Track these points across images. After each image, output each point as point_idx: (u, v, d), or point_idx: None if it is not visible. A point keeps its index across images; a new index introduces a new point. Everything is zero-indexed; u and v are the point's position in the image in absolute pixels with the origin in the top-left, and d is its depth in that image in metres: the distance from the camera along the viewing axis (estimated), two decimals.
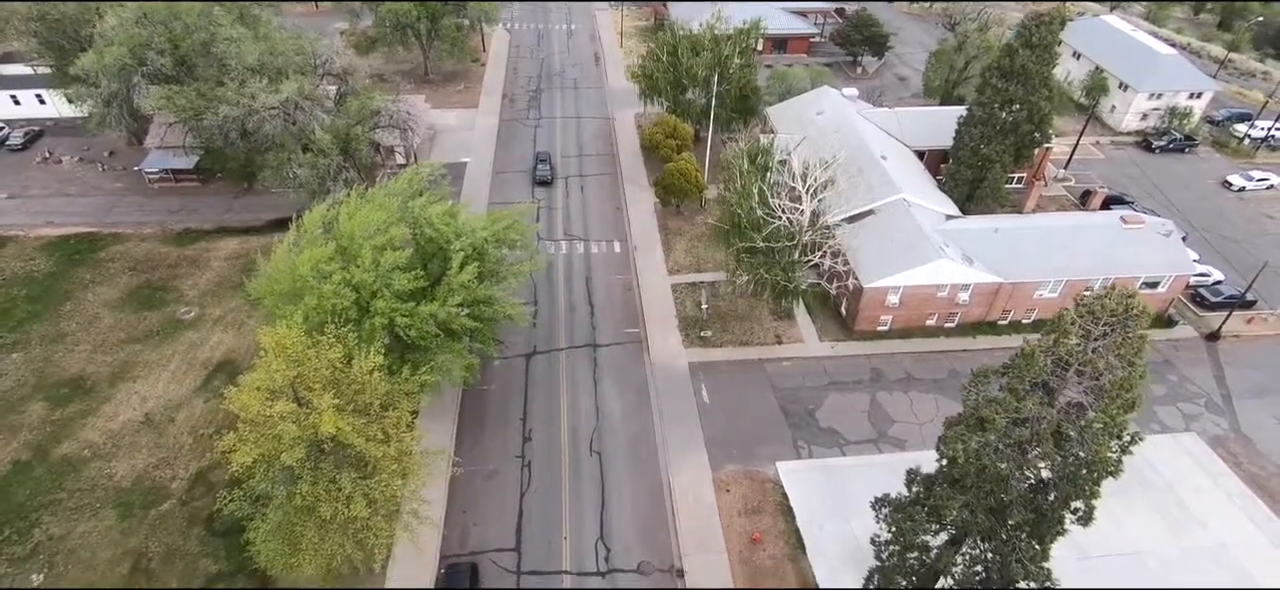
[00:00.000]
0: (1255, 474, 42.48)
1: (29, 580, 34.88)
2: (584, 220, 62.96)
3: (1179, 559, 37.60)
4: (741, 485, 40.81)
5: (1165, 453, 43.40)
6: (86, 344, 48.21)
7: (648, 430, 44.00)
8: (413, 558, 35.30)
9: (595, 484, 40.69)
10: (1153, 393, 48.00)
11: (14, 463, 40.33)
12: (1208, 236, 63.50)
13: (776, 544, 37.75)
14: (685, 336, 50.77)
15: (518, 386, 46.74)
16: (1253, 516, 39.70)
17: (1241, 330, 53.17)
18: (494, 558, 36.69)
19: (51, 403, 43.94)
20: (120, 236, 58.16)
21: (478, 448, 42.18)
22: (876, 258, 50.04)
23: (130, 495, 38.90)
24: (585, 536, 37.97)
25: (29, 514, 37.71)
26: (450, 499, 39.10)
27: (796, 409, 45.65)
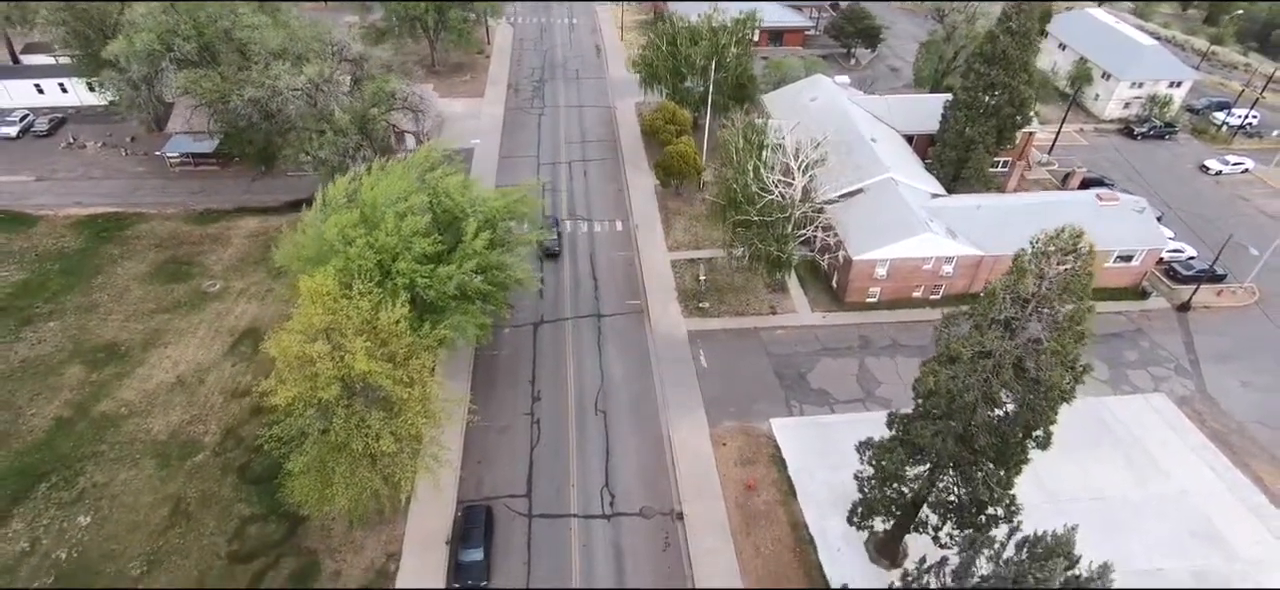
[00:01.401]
0: (1217, 430, 45.36)
1: (77, 523, 37.67)
2: (587, 201, 65.84)
3: (1142, 502, 40.52)
4: (737, 440, 43.68)
5: (1134, 411, 46.36)
6: (118, 313, 51.01)
7: (649, 391, 46.85)
8: (433, 498, 38.19)
9: (600, 439, 43.54)
10: (1125, 357, 51.00)
11: (56, 419, 43.11)
12: (1184, 216, 66.39)
13: (769, 491, 40.61)
14: (684, 307, 53.63)
15: (526, 352, 49.57)
16: (1213, 466, 42.61)
17: (1211, 302, 56.09)
18: (507, 503, 39.52)
19: (88, 366, 46.74)
20: (145, 216, 61.00)
21: (490, 406, 44.97)
22: (865, 232, 52.92)
23: (167, 447, 41.70)
24: (591, 484, 40.81)
25: (73, 464, 40.50)
26: (465, 451, 41.94)
27: (789, 372, 48.53)
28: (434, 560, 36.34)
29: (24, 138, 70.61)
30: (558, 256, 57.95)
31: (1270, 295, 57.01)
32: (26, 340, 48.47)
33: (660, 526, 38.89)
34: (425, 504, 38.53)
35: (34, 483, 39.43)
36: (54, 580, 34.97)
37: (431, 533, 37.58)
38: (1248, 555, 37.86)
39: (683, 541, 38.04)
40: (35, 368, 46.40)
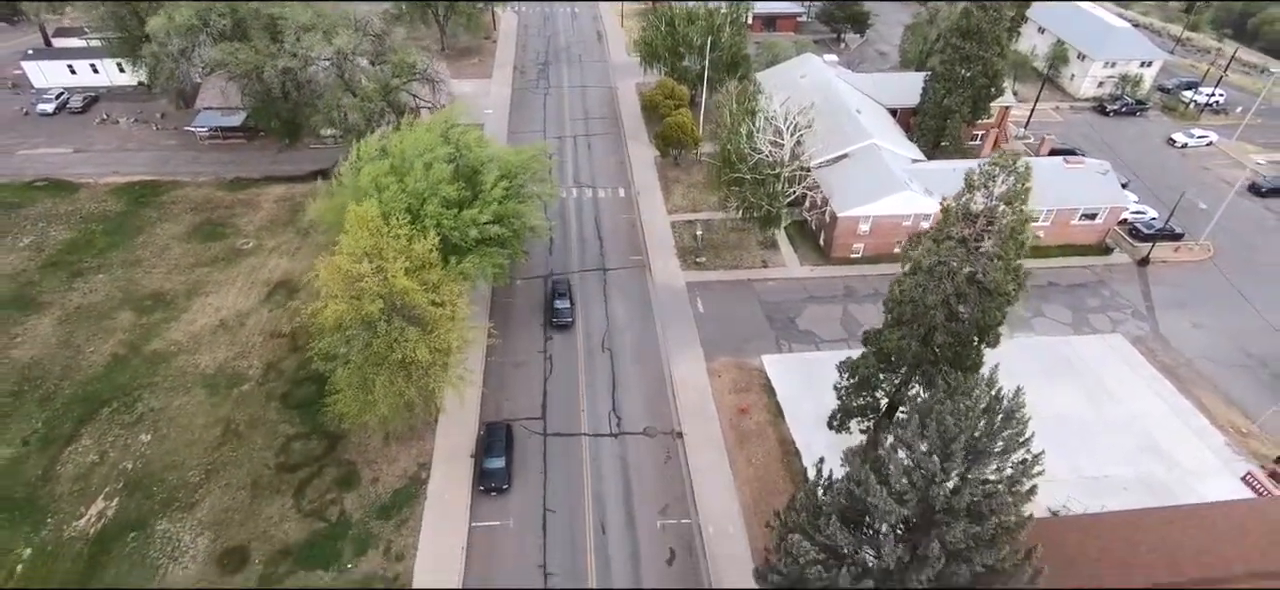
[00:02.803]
0: (1167, 364, 49.89)
1: (139, 440, 41.97)
2: (591, 170, 70.27)
3: (1096, 423, 44.95)
4: (731, 372, 48.11)
5: (1093, 348, 50.87)
6: (161, 268, 55.29)
7: (651, 333, 51.27)
8: (458, 417, 42.63)
9: (607, 372, 47.95)
10: (1087, 305, 55.53)
11: (113, 356, 47.42)
12: (1150, 184, 70.92)
13: (760, 414, 45.04)
14: (682, 262, 58.07)
15: (538, 301, 53.93)
16: (1160, 393, 47.10)
17: (1169, 257, 60.66)
18: (524, 424, 43.92)
19: (137, 312, 51.04)
20: (179, 183, 65.30)
21: (506, 346, 49.26)
22: (850, 191, 57.36)
23: (215, 379, 46.03)
24: (599, 409, 45.22)
25: (132, 392, 44.79)
26: (485, 382, 46.29)
27: (779, 317, 53.00)
28: (460, 468, 40.75)
29: (60, 114, 74.90)
30: (571, 327, 50.96)
31: (1224, 251, 61.61)
32: (79, 290, 52.76)
33: (662, 443, 43.32)
34: (451, 422, 42.98)
35: (97, 408, 43.77)
36: (122, 483, 39.31)
37: (458, 446, 41.98)
38: (1186, 466, 42.30)
39: (682, 456, 42.48)
40: (89, 313, 50.71)
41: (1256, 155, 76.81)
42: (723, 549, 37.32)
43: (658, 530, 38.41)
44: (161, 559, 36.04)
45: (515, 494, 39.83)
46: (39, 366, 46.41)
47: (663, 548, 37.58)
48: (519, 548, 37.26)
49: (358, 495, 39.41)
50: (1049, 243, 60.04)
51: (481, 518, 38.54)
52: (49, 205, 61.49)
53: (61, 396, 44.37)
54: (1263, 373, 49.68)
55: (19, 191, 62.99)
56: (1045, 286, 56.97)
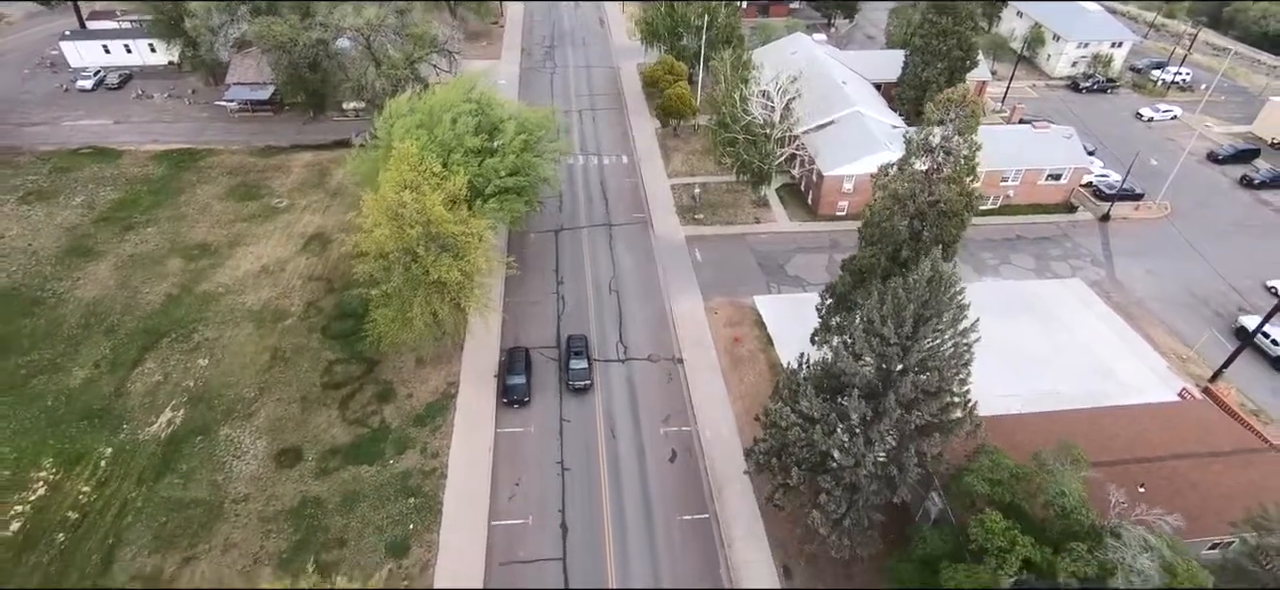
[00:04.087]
0: (1120, 303, 55.15)
1: (197, 364, 46.95)
2: (597, 140, 75.43)
3: (1053, 352, 50.14)
4: (726, 309, 53.27)
5: (1053, 291, 56.14)
6: (204, 223, 60.27)
7: (653, 278, 56.40)
8: (482, 342, 47.80)
9: (614, 310, 53.07)
10: (1051, 254, 60.80)
11: (167, 295, 52.39)
12: (1116, 153, 76.16)
13: (752, 343, 50.19)
14: (681, 219, 63.21)
15: (550, 252, 59.02)
16: (1111, 326, 52.37)
17: (1129, 215, 66.02)
18: (541, 351, 49.01)
19: (186, 259, 56.02)
20: (214, 151, 70.26)
21: (522, 289, 54.37)
22: (835, 154, 62.56)
23: (261, 315, 51.04)
24: (608, 339, 50.34)
25: (187, 325, 49.78)
26: (504, 316, 51.35)
27: (770, 264, 58.17)
28: (485, 386, 45.84)
29: (98, 90, 79.78)
30: (589, 389, 45.79)
31: (1180, 209, 66.97)
32: (130, 241, 57.72)
33: (664, 367, 48.43)
34: (475, 348, 48.11)
35: (158, 338, 48.76)
36: (186, 398, 44.33)
37: (482, 368, 47.07)
38: (1129, 384, 47.47)
39: (683, 378, 47.61)
40: (142, 260, 55.67)
41: (1215, 127, 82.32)
42: (718, 449, 42.47)
43: (661, 435, 43.56)
44: (226, 457, 41.09)
45: (535, 407, 44.94)
46: (101, 304, 51.40)
47: (665, 448, 42.74)
48: (539, 449, 42.38)
49: (395, 407, 44.48)
50: (1018, 201, 65.33)
51: (505, 425, 43.64)
52: (95, 170, 66.44)
53: (124, 328, 49.38)
54: (1205, 310, 55.00)
55: (67, 157, 67.93)
56: (1013, 239, 62.30)
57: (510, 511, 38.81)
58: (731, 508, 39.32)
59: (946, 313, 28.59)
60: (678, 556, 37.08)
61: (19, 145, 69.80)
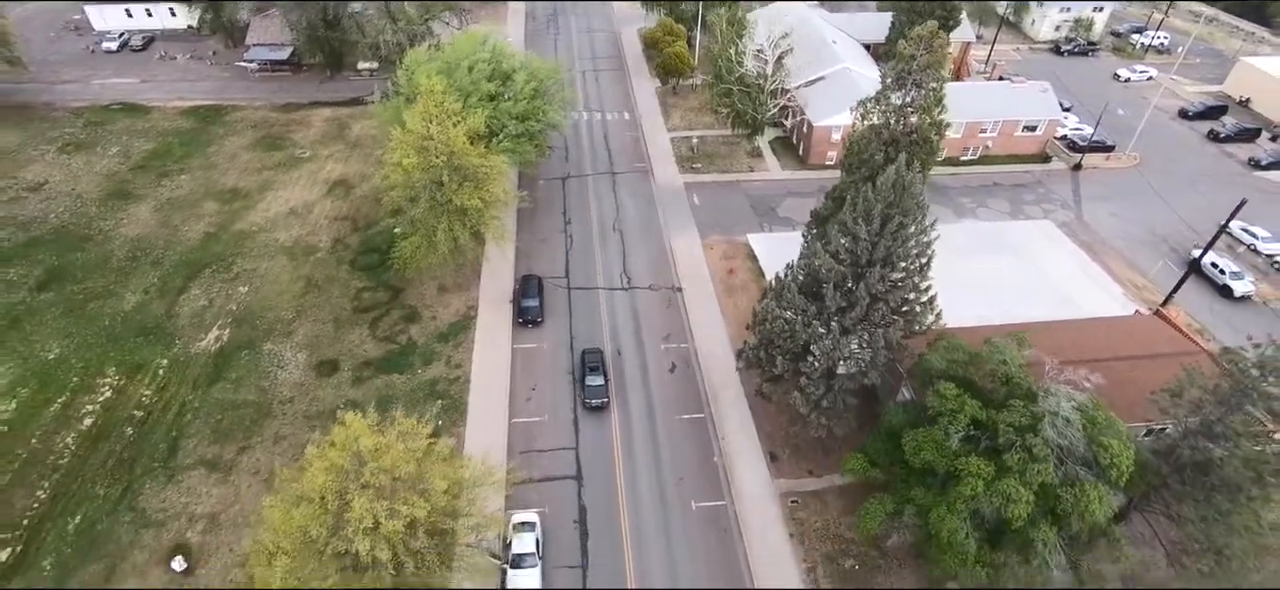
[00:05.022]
0: (1085, 240, 59.62)
1: (238, 291, 51.35)
2: (599, 97, 79.45)
3: (1021, 283, 54.64)
4: (721, 246, 57.71)
5: (1024, 230, 60.52)
6: (233, 170, 64.43)
7: (653, 219, 60.76)
8: (498, 270, 52.35)
9: (618, 246, 57.49)
10: (1024, 199, 65.18)
11: (205, 233, 56.71)
12: (1093, 109, 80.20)
13: (745, 274, 54.68)
14: (680, 168, 67.46)
15: (557, 196, 63.31)
16: (1076, 260, 56.84)
17: (1100, 165, 70.35)
18: (551, 280, 53.45)
19: (220, 202, 60.26)
20: (238, 107, 74.24)
21: (532, 227, 58.76)
22: (824, 106, 66.66)
23: (293, 249, 55.40)
24: (612, 271, 54.81)
25: (226, 258, 54.15)
26: (516, 251, 55.73)
27: (762, 207, 62.54)
28: (502, 310, 50.35)
29: (123, 51, 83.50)
30: (606, 407, 43.37)
31: (1148, 160, 71.28)
32: (166, 187, 61.92)
33: (665, 295, 52.93)
34: (491, 277, 52.62)
35: (200, 270, 53.15)
36: (230, 319, 48.78)
37: (498, 294, 51.57)
38: (1089, 309, 51.88)
39: (681, 304, 52.13)
40: (179, 203, 59.91)
41: (1189, 87, 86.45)
42: (713, 363, 47.07)
43: (661, 351, 48.17)
44: (271, 368, 45.66)
45: (547, 327, 49.48)
46: (145, 240, 55.70)
47: (666, 361, 47.37)
48: (551, 362, 46.97)
49: (420, 327, 49.00)
50: (996, 152, 69.62)
51: (521, 342, 48.20)
52: (127, 124, 70.42)
53: (169, 261, 53.73)
54: (1163, 246, 59.48)
55: (99, 112, 71.88)
56: (991, 186, 66.66)
57: (527, 411, 43.48)
58: (725, 408, 44.01)
59: (910, 213, 32.98)
60: (677, 445, 41.83)
61: (52, 101, 73.69)
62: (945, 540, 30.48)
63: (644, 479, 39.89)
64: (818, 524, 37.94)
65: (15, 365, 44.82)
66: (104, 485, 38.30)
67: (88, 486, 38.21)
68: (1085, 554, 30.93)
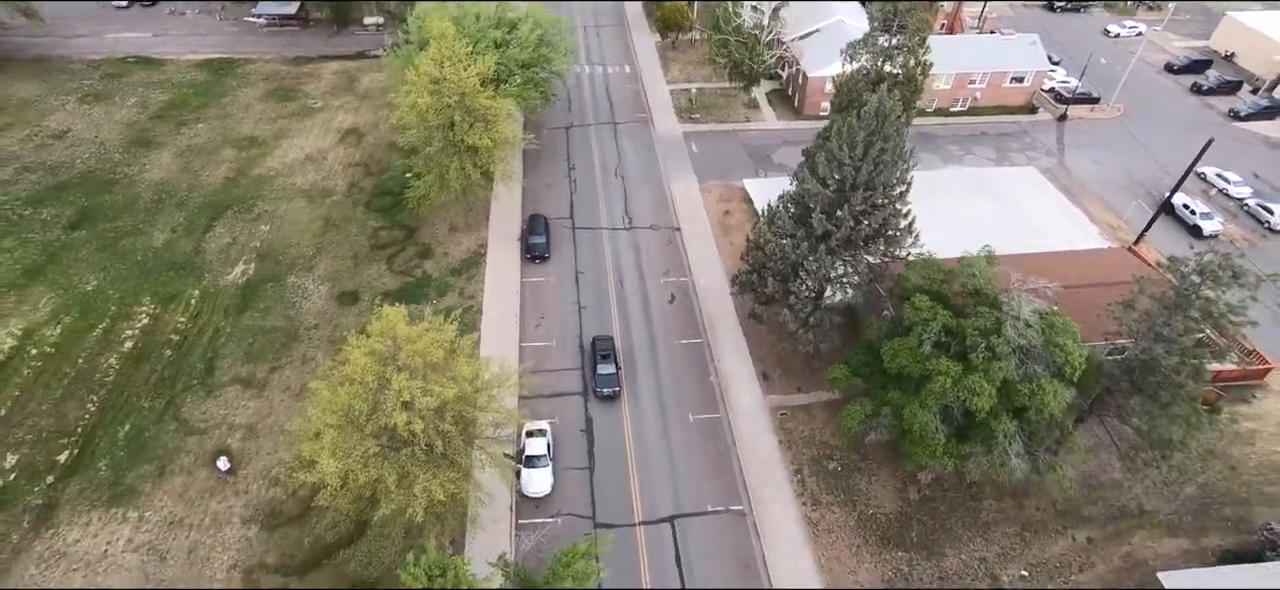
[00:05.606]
0: (1066, 185, 62.39)
1: (260, 230, 54.19)
2: (601, 52, 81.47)
3: (1002, 224, 57.53)
4: (718, 190, 60.48)
5: (1008, 175, 63.20)
6: (249, 120, 66.81)
7: (653, 165, 63.41)
8: (507, 208, 55.24)
9: (619, 190, 60.25)
10: (1010, 147, 67.82)
11: (225, 178, 59.37)
12: (1080, 62, 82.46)
13: (740, 216, 57.53)
14: (679, 118, 69.90)
15: (561, 145, 65.84)
16: (1057, 203, 59.61)
17: (1085, 115, 72.80)
18: (557, 220, 56.30)
19: (237, 149, 62.80)
20: (249, 60, 76.27)
21: (537, 173, 61.43)
22: (818, 58, 68.85)
23: (310, 193, 58.12)
24: (615, 212, 57.67)
25: (247, 201, 56.90)
26: (523, 197, 58.47)
27: (758, 154, 65.16)
28: (510, 247, 53.31)
29: (133, 6, 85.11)
30: (618, 396, 42.87)
31: (1131, 110, 73.72)
32: (185, 135, 64.38)
33: (665, 235, 55.86)
34: (500, 218, 55.50)
35: (222, 211, 55.93)
36: (255, 255, 51.71)
37: (507, 232, 54.50)
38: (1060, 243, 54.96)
39: (680, 242, 55.06)
40: (199, 150, 62.44)
41: (1177, 42, 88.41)
42: (709, 295, 50.15)
43: (661, 283, 51.26)
44: (296, 298, 48.73)
45: (553, 262, 52.49)
46: (168, 184, 58.38)
47: (665, 293, 50.49)
48: (559, 293, 50.07)
49: (434, 262, 51.99)
50: (985, 103, 72.00)
51: (529, 276, 51.24)
52: (143, 76, 72.53)
53: (193, 203, 56.48)
54: (1140, 191, 62.26)
55: (115, 65, 73.92)
56: (978, 136, 69.21)
57: (537, 336, 46.68)
58: (720, 334, 47.24)
59: (891, 139, 35.73)
60: (677, 367, 45.12)
61: (68, 55, 75.63)
62: (917, 434, 33.83)
63: (645, 394, 43.26)
64: (804, 432, 41.40)
65: (57, 295, 47.86)
66: (148, 399, 41.62)
67: (133, 400, 41.53)
68: (1043, 446, 34.34)
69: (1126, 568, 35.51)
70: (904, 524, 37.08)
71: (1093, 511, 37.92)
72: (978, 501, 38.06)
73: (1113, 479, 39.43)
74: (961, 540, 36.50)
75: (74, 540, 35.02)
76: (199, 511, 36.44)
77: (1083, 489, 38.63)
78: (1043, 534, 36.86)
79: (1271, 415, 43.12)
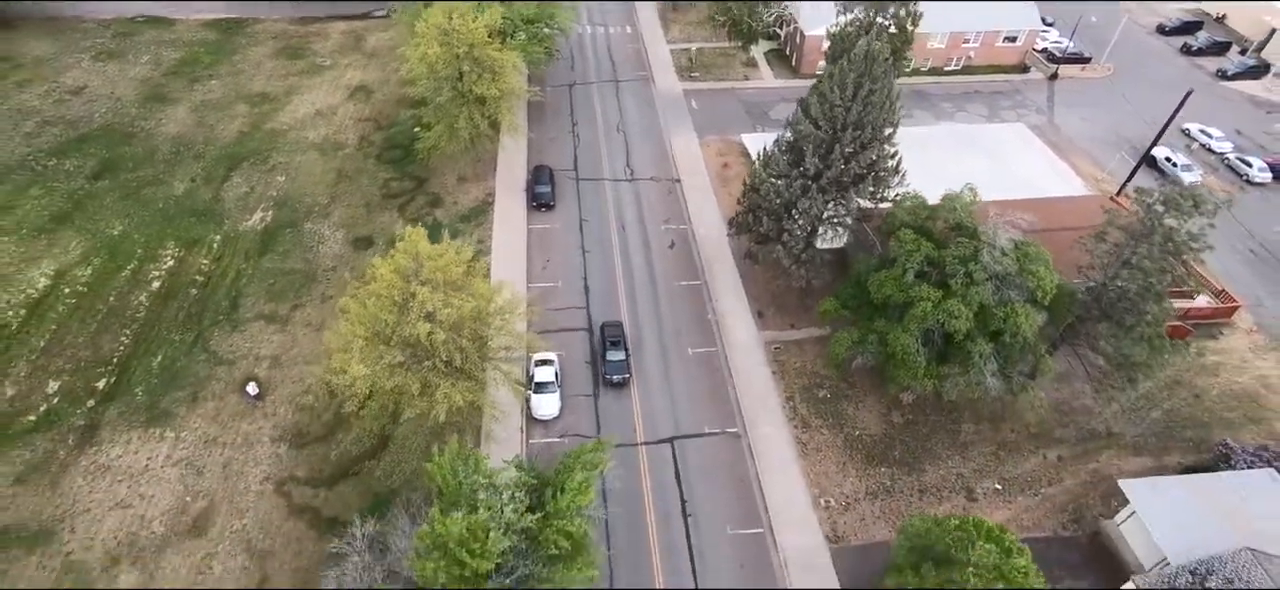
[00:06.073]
0: (1054, 141, 64.41)
1: (276, 180, 56.31)
2: (602, 14, 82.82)
3: (992, 177, 59.46)
4: (717, 145, 62.51)
5: (998, 132, 65.26)
6: (260, 77, 68.52)
7: (654, 121, 65.35)
8: (514, 159, 57.39)
9: (621, 144, 62.26)
10: (1001, 105, 69.71)
11: (240, 132, 61.32)
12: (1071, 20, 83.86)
13: (737, 168, 59.59)
14: (680, 77, 71.63)
15: (564, 102, 67.66)
16: (1044, 156, 61.70)
17: (1076, 74, 74.52)
18: (561, 172, 58.39)
19: (250, 104, 64.65)
20: (257, 20, 77.67)
21: (541, 128, 63.34)
22: (816, 16, 70.29)
23: (322, 146, 60.12)
24: (617, 164, 59.76)
25: (262, 153, 58.92)
26: (528, 148, 60.51)
27: (756, 111, 67.06)
28: (517, 197, 55.46)
29: None
30: (627, 384, 42.21)
31: (1121, 70, 75.48)
32: (199, 91, 66.13)
33: (665, 186, 58.01)
34: (506, 169, 57.63)
35: (239, 162, 57.98)
36: (272, 203, 53.90)
37: (513, 182, 56.64)
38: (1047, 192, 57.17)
39: (680, 194, 57.23)
40: (213, 106, 64.28)
41: (1169, 4, 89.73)
42: (708, 241, 52.47)
43: (662, 230, 53.57)
44: (313, 242, 51.03)
45: (558, 211, 54.72)
46: (185, 137, 60.34)
47: (666, 239, 52.80)
48: (564, 239, 52.38)
49: (444, 210, 54.22)
50: (978, 62, 73.68)
51: (535, 223, 53.50)
52: (154, 35, 74.01)
53: (210, 155, 58.50)
54: (1125, 146, 64.32)
55: (126, 23, 75.35)
56: (971, 94, 71.06)
57: (544, 277, 49.08)
58: (718, 277, 49.66)
59: (878, 80, 37.79)
60: (677, 306, 47.61)
61: (80, 15, 76.86)
62: (900, 357, 36.38)
63: (647, 329, 45.80)
64: (796, 364, 44.01)
65: (85, 239, 50.13)
66: (178, 333, 44.12)
67: (164, 333, 44.03)
68: (1017, 368, 36.91)
69: (1093, 482, 38.33)
70: (888, 444, 39.82)
71: (1064, 434, 40.68)
72: (956, 424, 40.78)
73: (1084, 406, 42.15)
74: (940, 458, 39.28)
75: (117, 456, 37.73)
76: (231, 432, 39.13)
77: (1055, 414, 41.34)
78: (1016, 453, 39.66)
79: (1236, 350, 45.77)
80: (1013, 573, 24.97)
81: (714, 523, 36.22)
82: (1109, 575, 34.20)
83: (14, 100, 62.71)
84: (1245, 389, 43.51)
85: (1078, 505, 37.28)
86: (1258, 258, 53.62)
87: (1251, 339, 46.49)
